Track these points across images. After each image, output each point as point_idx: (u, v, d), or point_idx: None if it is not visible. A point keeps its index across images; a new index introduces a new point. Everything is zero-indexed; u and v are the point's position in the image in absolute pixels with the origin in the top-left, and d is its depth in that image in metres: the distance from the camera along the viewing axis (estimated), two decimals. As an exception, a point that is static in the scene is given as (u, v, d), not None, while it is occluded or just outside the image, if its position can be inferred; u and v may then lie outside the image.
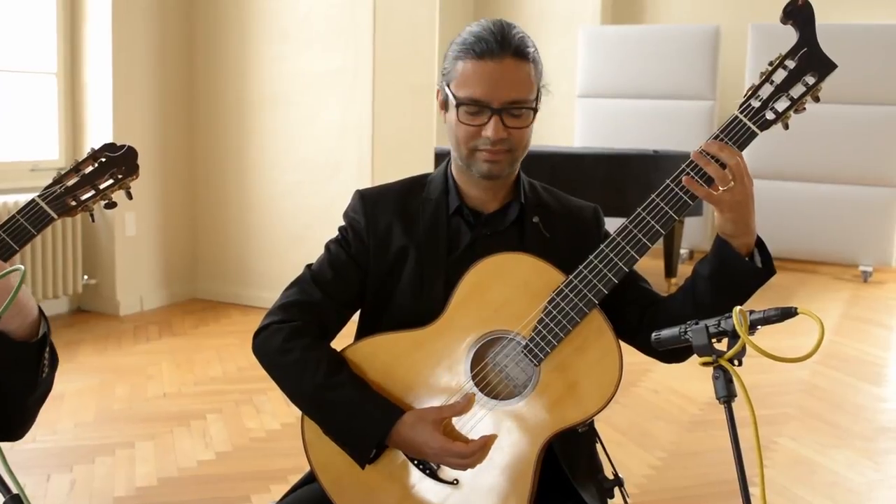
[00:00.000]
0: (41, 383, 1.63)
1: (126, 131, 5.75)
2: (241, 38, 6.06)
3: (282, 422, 4.04)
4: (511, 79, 1.74)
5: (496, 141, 1.75)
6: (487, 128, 1.75)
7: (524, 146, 1.80)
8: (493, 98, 1.74)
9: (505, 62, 1.74)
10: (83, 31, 5.74)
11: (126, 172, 1.67)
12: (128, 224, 5.81)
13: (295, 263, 5.83)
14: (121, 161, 1.67)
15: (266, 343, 1.85)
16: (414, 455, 1.75)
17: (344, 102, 5.78)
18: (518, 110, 1.75)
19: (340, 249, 1.92)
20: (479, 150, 1.78)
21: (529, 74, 1.76)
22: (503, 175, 1.82)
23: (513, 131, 1.76)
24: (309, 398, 1.79)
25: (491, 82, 1.74)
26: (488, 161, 1.78)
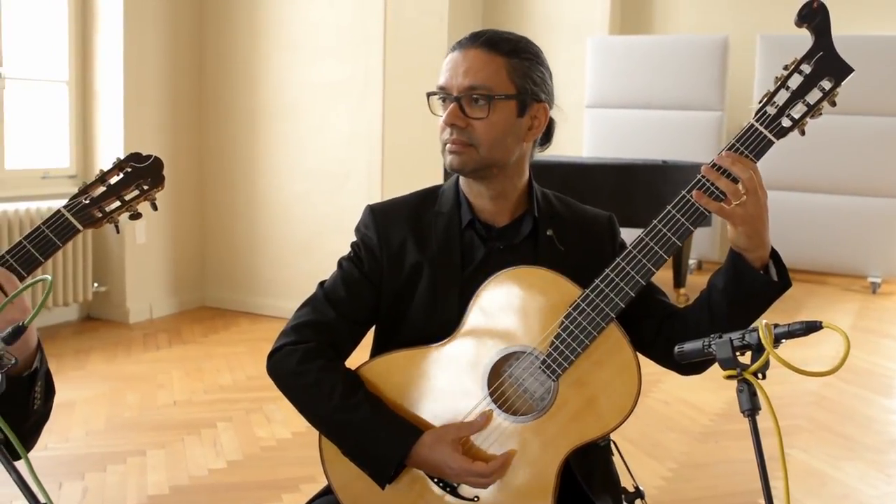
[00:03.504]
0: (33, 413, 1.64)
1: (136, 140, 5.77)
2: (252, 48, 6.08)
3: (292, 430, 4.04)
4: (472, 67, 1.74)
5: (451, 127, 1.74)
6: (445, 114, 1.76)
7: (490, 143, 1.75)
8: (453, 85, 1.75)
9: (469, 52, 1.75)
10: (94, 40, 5.76)
11: (152, 183, 1.68)
12: (138, 232, 5.83)
13: (304, 272, 5.91)
14: (147, 172, 1.68)
15: (280, 365, 1.84)
16: (434, 474, 1.75)
17: (354, 112, 5.79)
18: (477, 97, 1.73)
19: (353, 267, 1.90)
20: (445, 141, 1.78)
21: (498, 66, 1.74)
22: (467, 171, 1.78)
23: (473, 122, 1.74)
24: (326, 421, 1.79)
25: (453, 69, 1.76)
26: (451, 153, 1.76)
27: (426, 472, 1.75)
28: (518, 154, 1.82)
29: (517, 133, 1.79)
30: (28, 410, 1.62)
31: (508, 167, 1.82)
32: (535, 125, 1.83)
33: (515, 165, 1.83)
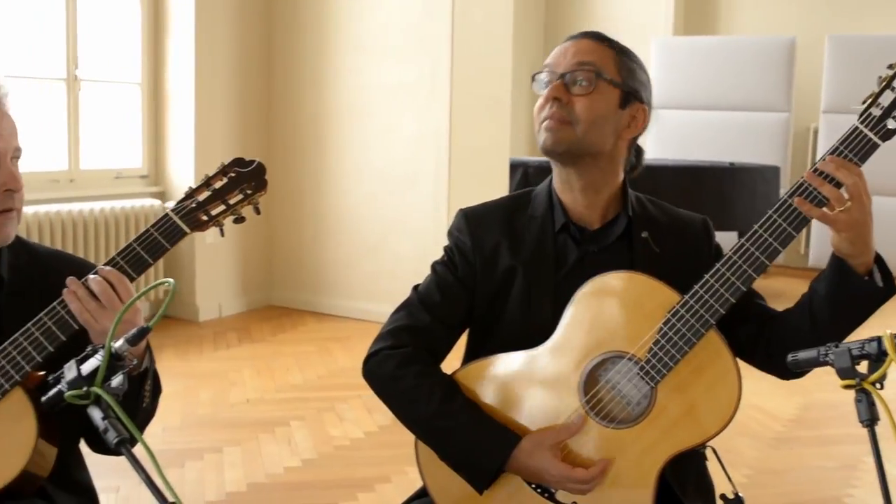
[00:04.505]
0: (140, 411, 1.68)
1: (206, 141, 5.86)
2: (319, 50, 6.14)
3: (365, 430, 4.07)
4: (581, 49, 1.77)
5: (552, 101, 1.75)
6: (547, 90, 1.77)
7: (589, 122, 1.74)
8: (560, 63, 1.77)
9: (581, 40, 1.79)
10: (166, 43, 5.86)
11: (255, 188, 1.71)
12: (207, 232, 5.89)
13: (369, 273, 5.95)
14: (250, 176, 1.71)
15: (377, 370, 1.85)
16: (532, 480, 1.75)
17: (420, 114, 5.82)
18: (581, 75, 1.74)
19: (447, 271, 1.90)
20: (542, 120, 1.78)
21: (608, 55, 1.77)
22: (560, 150, 1.77)
23: (574, 99, 1.74)
24: (424, 426, 1.80)
25: (561, 52, 1.79)
26: (547, 129, 1.76)
27: (524, 478, 1.76)
28: (612, 146, 1.81)
29: (616, 123, 1.79)
30: (137, 408, 1.66)
31: (601, 158, 1.80)
32: (633, 124, 1.82)
33: (608, 159, 1.82)
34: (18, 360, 1.57)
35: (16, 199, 1.65)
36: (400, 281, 5.93)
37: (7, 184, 1.62)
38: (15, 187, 1.63)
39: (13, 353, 1.57)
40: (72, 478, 1.74)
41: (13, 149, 1.65)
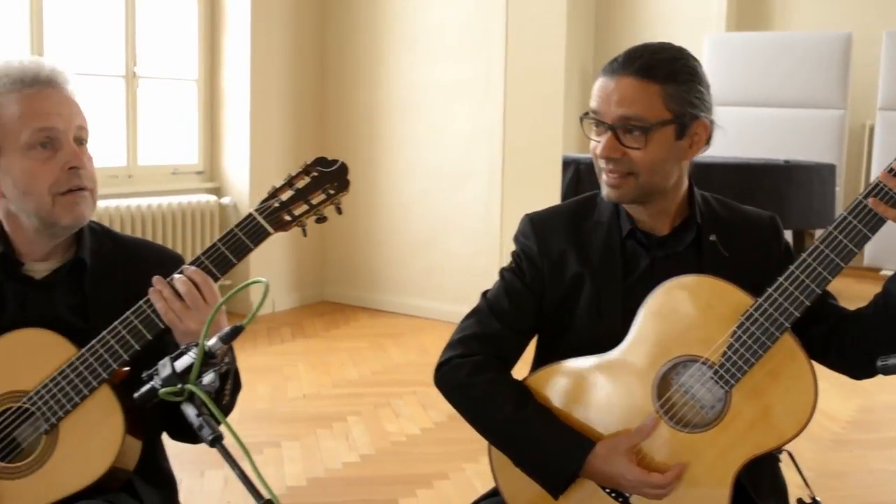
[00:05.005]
0: (221, 408, 1.70)
1: (261, 138, 5.91)
2: (373, 48, 6.16)
3: (421, 427, 4.09)
4: (625, 97, 1.70)
5: (606, 158, 1.73)
6: (599, 145, 1.74)
7: (650, 170, 1.72)
8: (606, 113, 1.73)
9: (623, 80, 1.72)
10: (222, 40, 5.92)
11: (338, 188, 1.72)
12: (263, 228, 5.96)
13: (422, 270, 5.97)
14: (333, 176, 1.72)
15: (449, 378, 1.87)
16: (607, 485, 1.75)
17: (474, 111, 5.82)
18: (630, 128, 1.71)
19: (515, 278, 1.90)
20: (601, 170, 1.77)
21: (653, 94, 1.70)
22: (626, 201, 1.77)
23: (630, 152, 1.71)
24: (498, 433, 1.81)
25: (605, 97, 1.73)
26: (608, 185, 1.76)
27: (598, 483, 1.76)
28: (678, 174, 1.80)
29: (677, 155, 1.77)
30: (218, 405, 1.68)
31: (668, 189, 1.80)
32: (696, 142, 1.80)
33: (675, 187, 1.81)
34: (106, 357, 1.60)
35: (83, 177, 1.67)
36: (451, 278, 5.96)
37: (70, 161, 1.65)
38: (78, 164, 1.65)
39: (101, 351, 1.60)
40: (154, 470, 1.77)
41: (75, 128, 1.68)
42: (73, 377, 1.59)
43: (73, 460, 1.58)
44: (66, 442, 1.58)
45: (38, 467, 1.58)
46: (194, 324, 1.60)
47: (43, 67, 1.69)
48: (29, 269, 1.72)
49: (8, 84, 1.66)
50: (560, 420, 1.77)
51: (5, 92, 1.66)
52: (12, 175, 1.66)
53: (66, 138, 1.66)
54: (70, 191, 1.66)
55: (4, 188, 1.69)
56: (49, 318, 1.67)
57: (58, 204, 1.66)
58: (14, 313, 1.68)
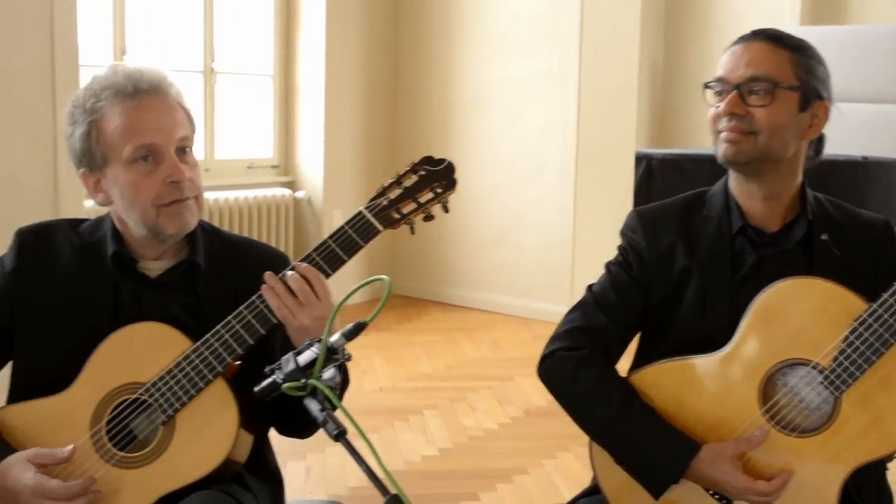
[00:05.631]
0: None
1: (335, 133, 5.96)
2: (446, 43, 6.18)
3: (498, 422, 4.11)
4: (755, 57, 1.72)
5: (729, 115, 1.72)
6: (723, 102, 1.74)
7: (771, 131, 1.72)
8: (733, 75, 1.74)
9: (753, 44, 1.74)
10: (298, 36, 5.98)
11: (446, 187, 1.73)
12: (336, 220, 6.02)
13: (494, 264, 5.99)
14: (440, 175, 1.73)
15: (554, 371, 1.87)
16: (710, 489, 1.74)
17: (547, 106, 5.81)
18: (757, 86, 1.71)
19: (621, 271, 1.90)
20: (720, 131, 1.75)
21: (783, 58, 1.73)
22: (741, 161, 1.75)
23: (753, 110, 1.71)
24: (602, 429, 1.81)
25: (733, 60, 1.75)
26: (727, 140, 1.74)
27: (701, 485, 1.75)
28: (794, 152, 1.79)
29: (797, 128, 1.76)
30: None
31: (783, 164, 1.78)
32: (815, 123, 1.79)
33: (789, 164, 1.80)
34: (221, 351, 1.63)
35: (184, 189, 1.69)
36: (524, 273, 5.96)
37: (171, 175, 1.68)
38: (178, 178, 1.68)
39: (216, 345, 1.63)
40: (263, 464, 1.81)
41: (177, 140, 1.70)
42: (189, 370, 1.62)
43: (190, 451, 1.61)
44: (183, 433, 1.62)
45: (156, 457, 1.62)
46: (307, 319, 1.63)
47: (143, 77, 1.70)
48: (143, 268, 1.76)
49: (110, 96, 1.68)
50: (666, 420, 1.76)
51: (108, 105, 1.68)
52: (118, 185, 1.70)
53: (167, 151, 1.68)
54: (173, 202, 1.69)
55: (113, 196, 1.73)
56: (163, 315, 1.71)
57: (161, 214, 1.69)
58: (129, 311, 1.73)
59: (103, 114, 1.68)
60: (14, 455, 1.59)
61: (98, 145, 1.70)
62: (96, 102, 1.69)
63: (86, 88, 1.72)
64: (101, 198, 1.76)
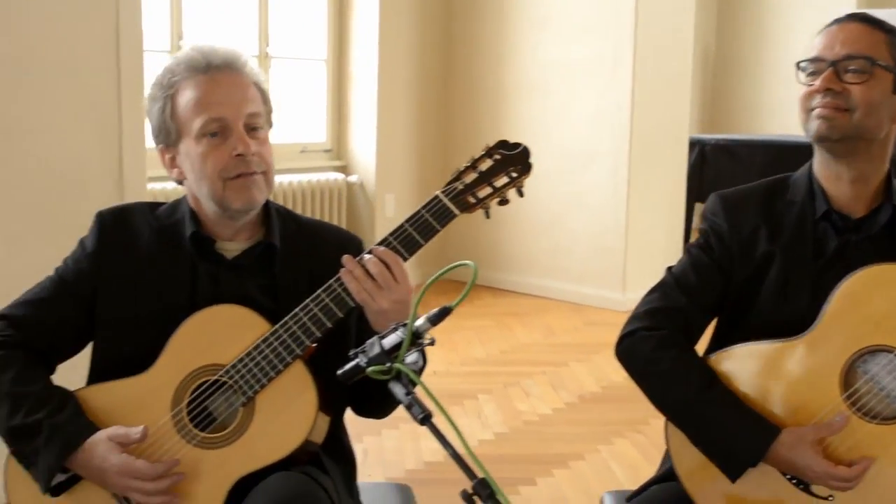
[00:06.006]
0: None
1: (387, 117, 5.98)
2: (499, 27, 6.16)
3: (552, 407, 4.11)
4: (850, 37, 1.73)
5: (825, 91, 1.71)
6: (818, 80, 1.73)
7: (866, 108, 1.71)
8: (829, 53, 1.74)
9: (848, 24, 1.75)
10: (351, 21, 6.00)
11: (521, 171, 1.73)
12: (388, 205, 6.05)
13: (545, 250, 5.98)
14: (516, 160, 1.73)
15: (633, 350, 1.86)
16: (788, 473, 1.73)
17: (601, 91, 5.78)
18: (854, 64, 1.71)
19: (702, 253, 1.89)
20: (813, 108, 1.75)
21: (879, 39, 1.73)
22: (834, 138, 1.73)
23: (850, 87, 1.71)
24: (680, 410, 1.80)
25: (829, 40, 1.75)
26: (820, 116, 1.73)
27: (780, 470, 1.74)
28: (885, 133, 1.78)
29: (890, 109, 1.76)
30: None
31: (874, 145, 1.77)
32: None
33: (880, 146, 1.79)
34: (299, 334, 1.65)
35: (251, 163, 1.70)
36: (576, 258, 5.95)
37: (237, 149, 1.69)
38: (244, 152, 1.69)
39: (294, 328, 1.65)
40: (338, 446, 1.82)
41: (245, 115, 1.71)
42: (269, 352, 1.64)
43: (270, 432, 1.63)
44: (263, 414, 1.64)
45: (236, 438, 1.64)
46: (386, 302, 1.64)
47: (216, 53, 1.73)
48: (221, 248, 1.78)
49: (183, 71, 1.71)
50: (745, 404, 1.75)
51: (182, 79, 1.71)
52: (190, 158, 1.73)
53: (235, 126, 1.70)
54: (239, 175, 1.71)
55: (186, 171, 1.75)
56: (240, 296, 1.73)
57: (228, 188, 1.71)
58: (207, 291, 1.75)
59: (177, 88, 1.72)
60: (97, 434, 1.62)
61: (172, 120, 1.73)
62: (172, 78, 1.72)
63: (164, 67, 1.74)
64: (176, 173, 1.78)
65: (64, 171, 3.19)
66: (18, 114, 3.06)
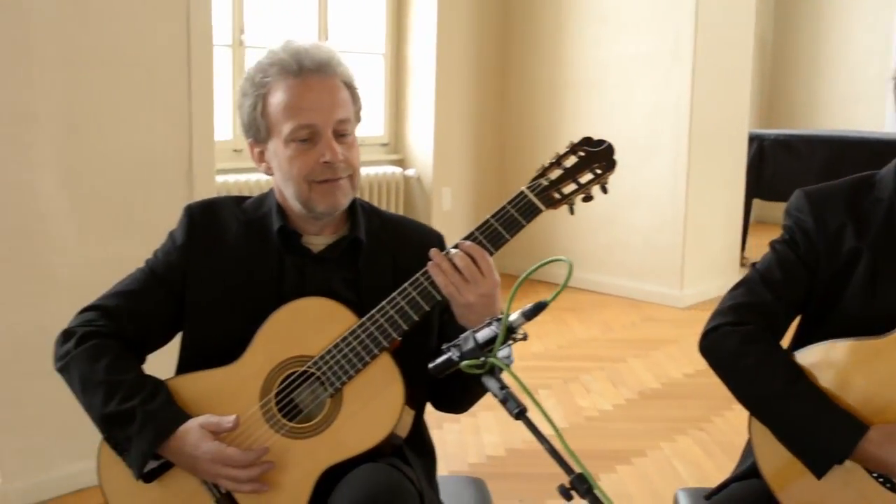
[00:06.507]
0: None
1: (445, 111, 5.99)
2: (557, 21, 6.14)
3: (613, 403, 4.10)
4: None
5: None
6: None
7: None
8: None
9: None
10: (409, 14, 6.01)
11: (605, 168, 1.73)
12: (444, 198, 6.06)
13: (603, 244, 5.96)
14: (600, 156, 1.74)
15: (718, 345, 1.85)
16: (876, 470, 1.72)
17: (660, 85, 5.74)
18: None
19: (788, 250, 1.87)
20: None
21: None
22: None
23: None
24: (766, 405, 1.79)
25: None
26: None
27: (867, 467, 1.72)
28: None
29: None
30: None
31: None
32: None
33: None
34: (386, 327, 1.66)
35: (337, 169, 1.72)
36: (634, 253, 5.92)
37: (325, 156, 1.71)
38: (332, 159, 1.71)
39: (381, 321, 1.66)
40: (420, 440, 1.84)
41: (334, 122, 1.73)
42: (356, 345, 1.66)
43: (357, 423, 1.65)
44: (350, 406, 1.66)
45: (323, 429, 1.66)
46: (473, 296, 1.65)
47: (309, 55, 1.74)
48: (307, 242, 1.80)
49: (276, 73, 1.73)
50: (832, 401, 1.74)
51: (274, 81, 1.73)
52: (277, 158, 1.75)
53: (324, 132, 1.71)
54: (325, 181, 1.73)
55: (273, 168, 1.78)
56: (325, 289, 1.75)
57: (314, 191, 1.73)
58: (293, 283, 1.77)
59: (269, 89, 1.73)
60: (189, 421, 1.65)
61: (262, 118, 1.75)
62: (264, 77, 1.74)
63: (258, 63, 1.76)
64: (264, 167, 1.82)
65: (136, 163, 3.24)
66: (93, 107, 3.12)
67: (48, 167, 3.03)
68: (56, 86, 3.02)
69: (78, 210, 3.10)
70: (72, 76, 3.04)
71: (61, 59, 3.01)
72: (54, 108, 3.02)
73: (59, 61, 3.01)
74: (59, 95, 3.03)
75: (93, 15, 3.08)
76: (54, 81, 3.01)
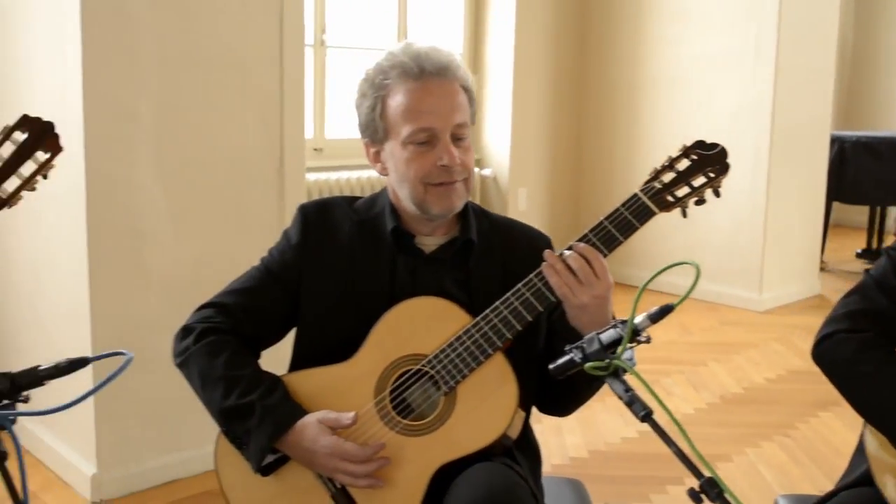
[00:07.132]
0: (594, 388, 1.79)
1: (522, 110, 6.00)
2: (636, 19, 6.11)
3: (695, 407, 4.07)
4: None
5: None
6: None
7: None
8: None
9: None
10: (487, 14, 6.03)
11: (718, 171, 1.73)
12: (520, 199, 6.06)
13: (681, 246, 5.91)
14: (713, 160, 1.73)
15: (833, 352, 1.84)
16: None
17: (742, 85, 5.68)
18: None
19: None
20: None
21: None
22: None
23: None
24: (884, 413, 1.76)
25: None
26: None
27: None
28: None
29: None
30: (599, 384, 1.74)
31: None
32: None
33: None
34: (500, 327, 1.67)
35: (453, 172, 1.74)
36: (713, 255, 5.85)
37: (442, 159, 1.73)
38: (449, 163, 1.73)
39: (495, 321, 1.68)
40: (527, 441, 1.85)
41: (452, 126, 1.74)
42: (470, 344, 1.67)
43: (471, 422, 1.66)
44: (464, 405, 1.67)
45: (437, 427, 1.68)
46: (586, 297, 1.66)
47: (430, 59, 1.76)
48: (419, 243, 1.83)
49: (396, 76, 1.75)
50: None
51: (394, 83, 1.75)
52: (394, 159, 1.78)
53: (442, 136, 1.73)
54: (441, 183, 1.75)
55: (389, 168, 1.81)
56: (436, 289, 1.77)
57: (429, 193, 1.75)
58: (405, 283, 1.80)
59: (389, 91, 1.75)
60: (307, 416, 1.69)
61: (381, 120, 1.77)
62: (384, 80, 1.76)
63: (377, 64, 1.78)
64: (379, 168, 1.84)
65: (229, 162, 3.30)
66: (187, 106, 3.18)
67: (147, 165, 3.10)
68: (155, 86, 3.08)
69: (174, 208, 3.17)
70: (169, 76, 3.11)
71: (160, 60, 3.08)
72: (153, 108, 3.09)
73: (158, 62, 3.07)
74: (158, 95, 3.09)
75: (191, 17, 3.14)
76: (153, 82, 3.08)
